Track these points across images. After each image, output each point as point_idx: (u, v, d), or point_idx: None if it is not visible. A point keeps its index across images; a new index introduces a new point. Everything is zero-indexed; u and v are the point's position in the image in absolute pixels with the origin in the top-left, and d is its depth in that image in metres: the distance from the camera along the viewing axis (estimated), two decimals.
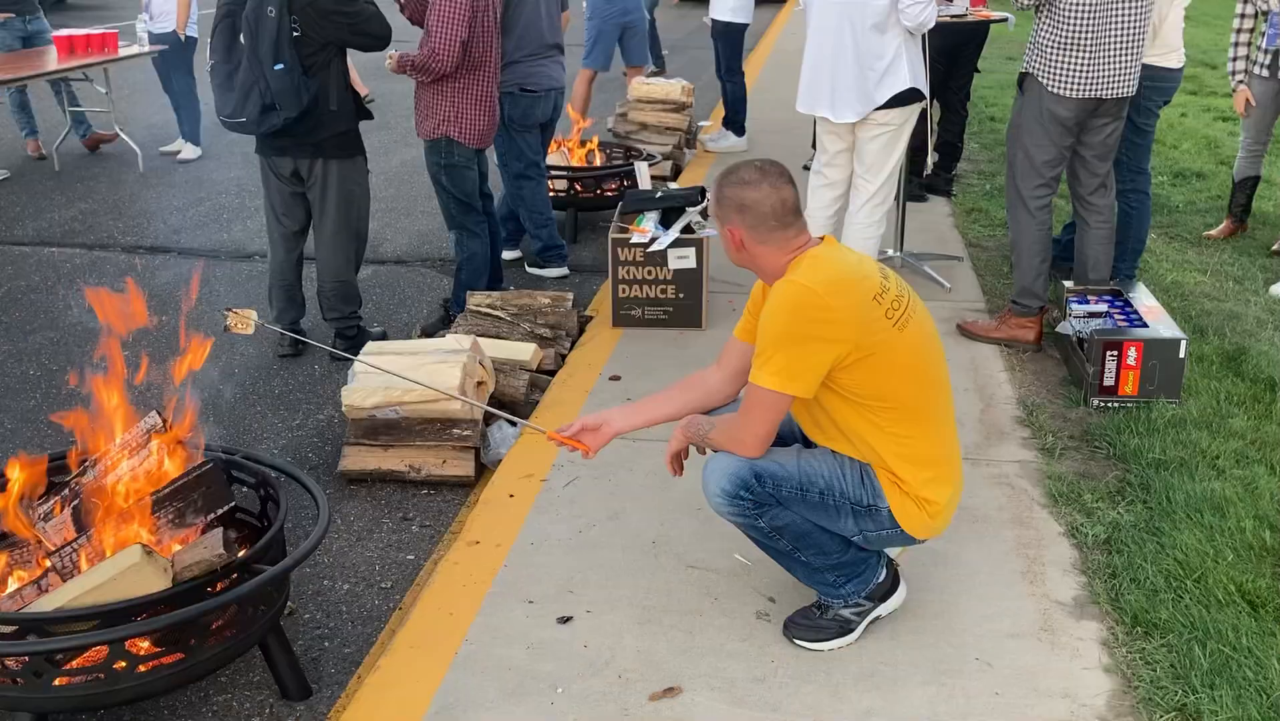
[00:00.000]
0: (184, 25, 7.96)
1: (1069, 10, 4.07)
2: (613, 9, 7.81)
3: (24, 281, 5.58)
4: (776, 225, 2.51)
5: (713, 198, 2.59)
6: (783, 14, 18.50)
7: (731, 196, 2.53)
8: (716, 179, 2.59)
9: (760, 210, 2.50)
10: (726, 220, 2.55)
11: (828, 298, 2.41)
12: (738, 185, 2.53)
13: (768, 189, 2.51)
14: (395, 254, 6.08)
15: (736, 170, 2.56)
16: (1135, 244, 4.91)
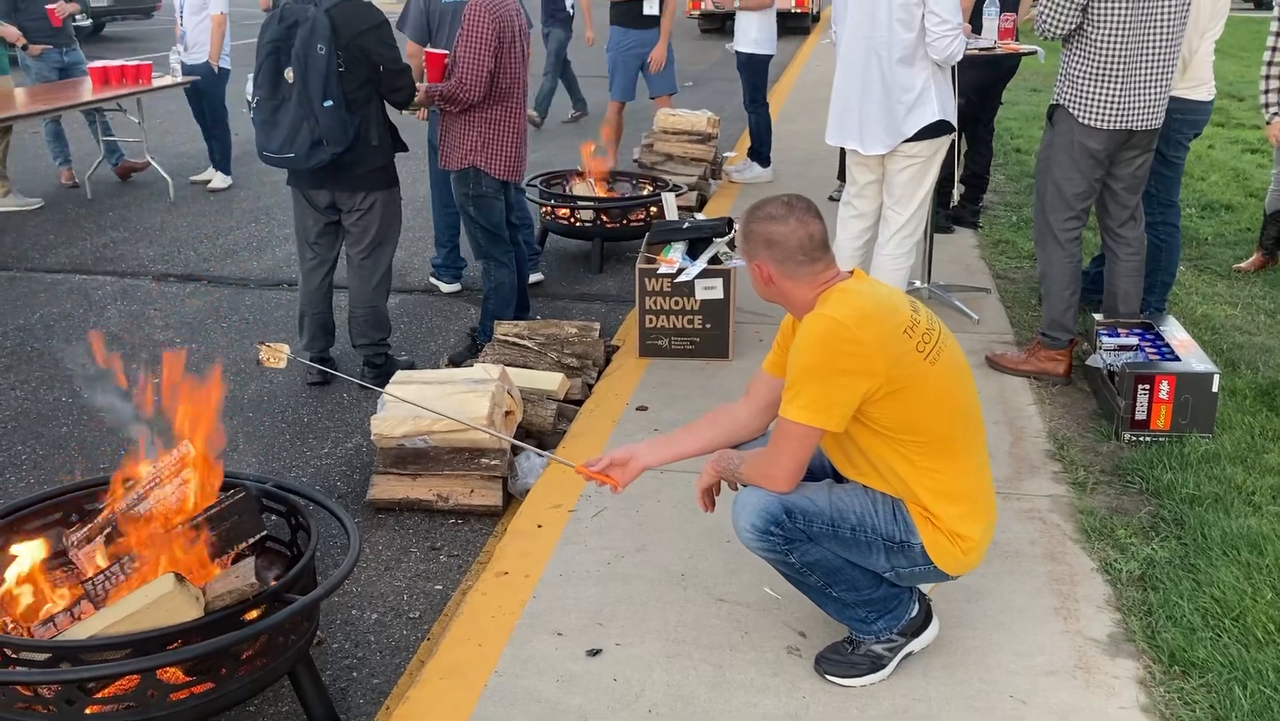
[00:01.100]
0: (217, 56, 8.07)
1: (1100, 42, 4.07)
2: (629, 40, 7.87)
3: (56, 308, 5.63)
4: (805, 260, 2.51)
5: (740, 234, 2.58)
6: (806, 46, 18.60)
7: (759, 232, 2.52)
8: (743, 215, 2.58)
9: (788, 245, 2.50)
10: (754, 256, 2.54)
11: (857, 330, 2.40)
12: (765, 220, 2.53)
13: (795, 224, 2.51)
14: (422, 283, 6.11)
15: (763, 206, 2.56)
16: (1165, 276, 4.89)
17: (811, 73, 14.37)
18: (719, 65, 15.98)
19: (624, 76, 7.99)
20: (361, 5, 4.29)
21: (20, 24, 7.66)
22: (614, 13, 7.87)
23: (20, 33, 7.66)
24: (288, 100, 4.23)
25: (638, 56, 7.93)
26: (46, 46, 7.91)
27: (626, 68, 7.96)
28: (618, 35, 7.89)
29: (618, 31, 7.89)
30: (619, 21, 7.86)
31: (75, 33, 8.32)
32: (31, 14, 7.71)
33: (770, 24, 7.92)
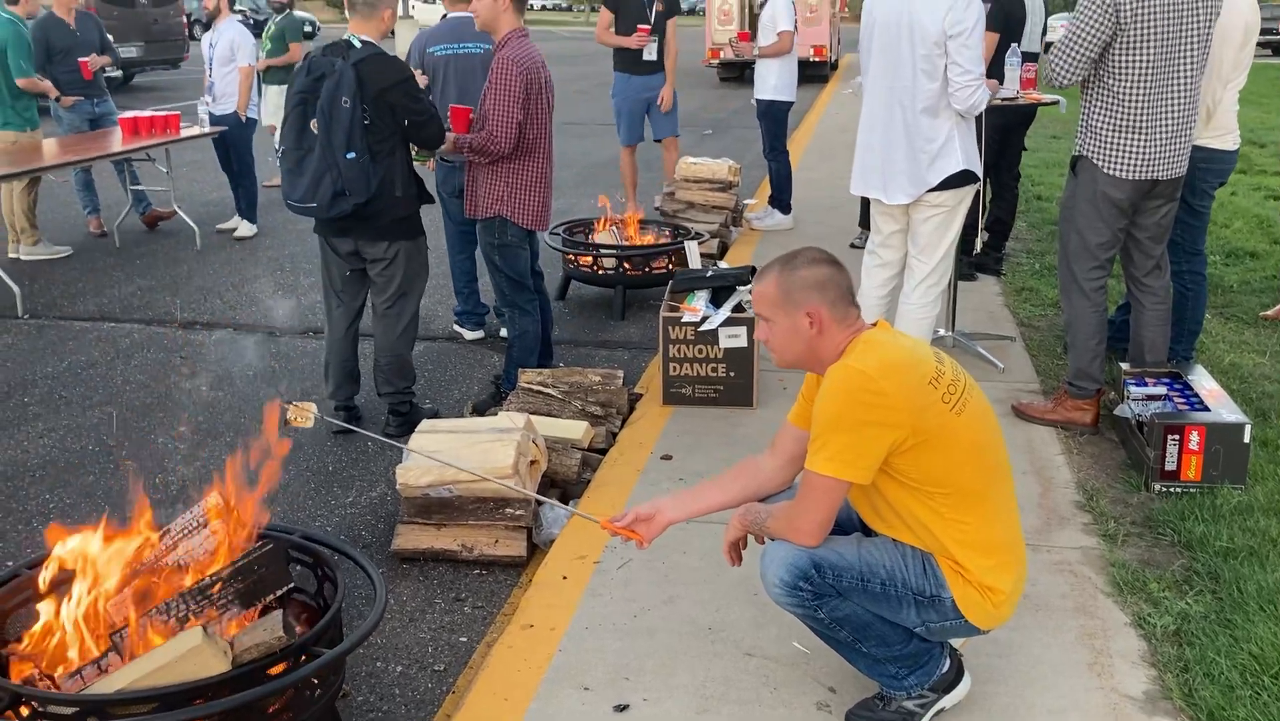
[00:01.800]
0: (245, 107, 8.21)
1: (1121, 93, 4.08)
2: (632, 86, 7.97)
3: (84, 356, 5.68)
4: (849, 303, 2.52)
5: (780, 289, 2.53)
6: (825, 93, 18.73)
7: (807, 277, 2.51)
8: (779, 271, 2.54)
9: (839, 285, 2.51)
10: (804, 303, 2.50)
11: (881, 381, 2.39)
12: (808, 265, 2.53)
13: (836, 267, 2.53)
14: (446, 330, 6.14)
15: (798, 255, 2.56)
16: (1192, 325, 4.86)
17: (831, 119, 14.47)
18: (739, 113, 16.11)
19: (630, 121, 8.09)
20: (388, 59, 4.35)
21: (54, 76, 7.80)
22: (617, 59, 7.97)
23: (53, 85, 7.80)
24: (312, 151, 4.28)
25: (642, 101, 8.02)
26: (79, 98, 8.05)
27: (632, 113, 8.07)
28: (621, 81, 8.00)
29: (621, 78, 8.00)
30: (622, 68, 7.97)
31: (106, 83, 8.46)
32: (65, 66, 7.86)
33: (790, 71, 7.99)
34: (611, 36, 7.86)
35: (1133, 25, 3.96)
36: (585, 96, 19.51)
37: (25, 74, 7.35)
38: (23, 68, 7.32)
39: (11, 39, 7.27)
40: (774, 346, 2.60)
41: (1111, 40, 4.01)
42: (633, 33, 7.72)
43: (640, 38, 7.71)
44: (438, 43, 5.48)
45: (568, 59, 29.89)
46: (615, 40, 7.83)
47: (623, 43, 7.79)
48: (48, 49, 7.74)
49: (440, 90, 5.44)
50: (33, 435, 4.71)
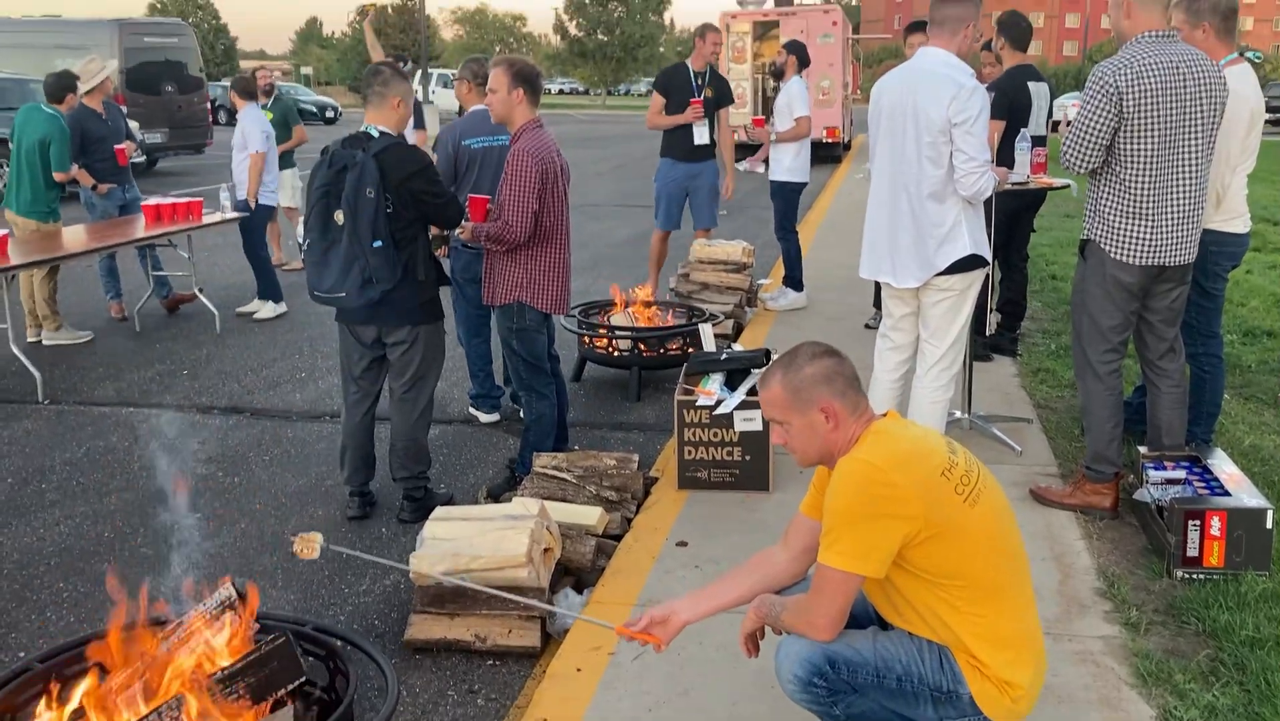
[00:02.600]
0: (254, 194, 8.35)
1: (1129, 180, 4.11)
2: (676, 173, 8.07)
3: (102, 442, 5.72)
4: (858, 392, 2.52)
5: (788, 390, 2.52)
6: (838, 174, 18.93)
7: (812, 373, 2.51)
8: (783, 373, 2.53)
9: (844, 375, 2.51)
10: (815, 400, 2.50)
11: (892, 474, 2.38)
12: (810, 360, 2.53)
13: (838, 358, 2.53)
14: (461, 413, 6.16)
15: (798, 354, 2.56)
16: (1210, 407, 4.83)
17: (845, 199, 14.60)
18: (753, 194, 16.26)
19: (669, 206, 8.16)
20: (408, 149, 4.44)
21: (88, 165, 8.02)
22: (663, 144, 8.08)
23: (88, 173, 8.00)
24: (338, 241, 4.35)
25: (683, 189, 8.12)
26: (112, 185, 8.24)
27: (672, 198, 8.14)
28: (666, 167, 8.10)
29: (666, 163, 8.09)
30: (669, 154, 8.07)
31: (132, 169, 8.66)
32: (99, 155, 8.07)
33: (804, 153, 8.10)
34: (664, 117, 7.99)
35: (1136, 114, 4.00)
36: (603, 178, 19.80)
37: (65, 168, 7.59)
38: (64, 162, 7.55)
39: (55, 135, 7.49)
40: (794, 448, 2.59)
41: (1117, 128, 4.06)
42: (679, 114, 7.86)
43: (694, 110, 7.83)
44: (473, 135, 5.57)
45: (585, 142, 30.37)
46: (668, 120, 7.95)
47: (677, 120, 7.89)
48: (83, 139, 7.96)
49: (475, 181, 5.52)
50: (49, 522, 4.73)
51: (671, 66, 8.22)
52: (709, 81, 7.95)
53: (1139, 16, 4.11)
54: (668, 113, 7.95)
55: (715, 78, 8.03)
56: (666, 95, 7.96)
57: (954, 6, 4.30)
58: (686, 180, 8.08)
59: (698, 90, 7.88)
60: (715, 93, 7.97)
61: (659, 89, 8.05)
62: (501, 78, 4.60)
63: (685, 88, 7.89)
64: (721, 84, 8.10)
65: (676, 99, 7.90)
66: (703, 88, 7.90)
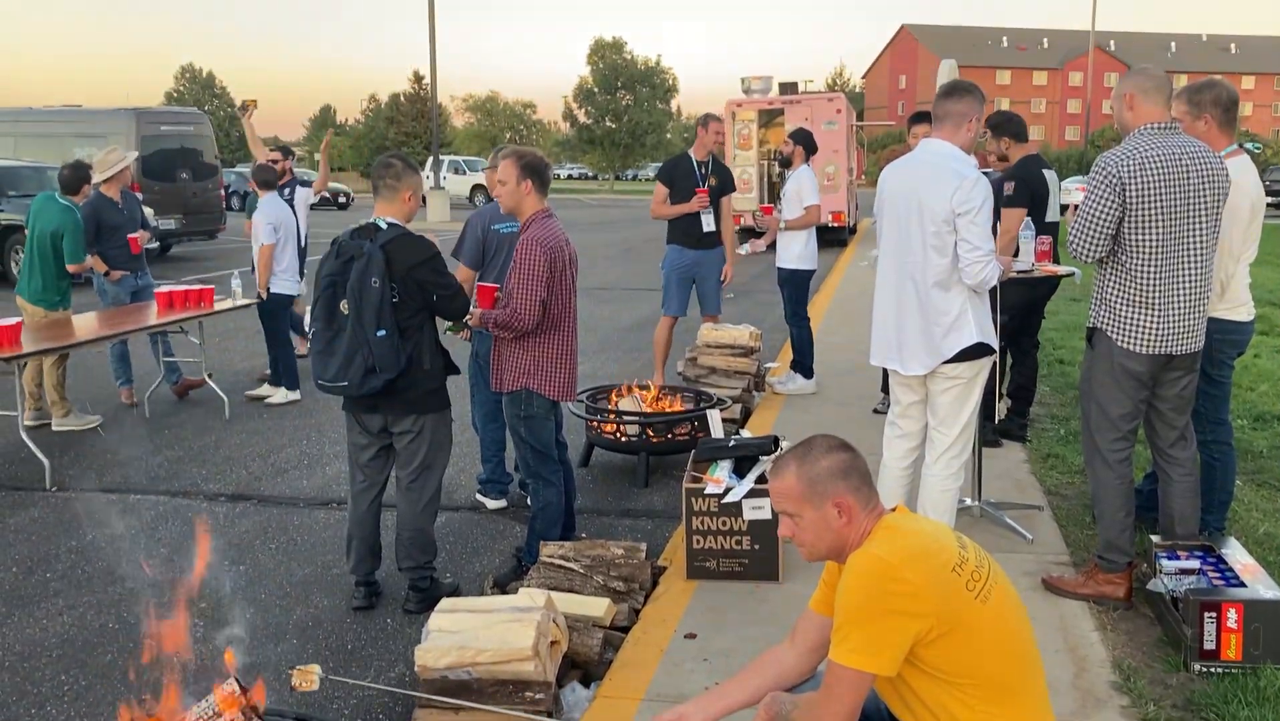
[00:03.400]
0: (264, 284, 8.43)
1: (1134, 269, 4.14)
2: (685, 260, 8.13)
3: (108, 529, 5.70)
4: (870, 488, 2.51)
5: (803, 482, 2.51)
6: (844, 258, 19.07)
7: (829, 466, 2.50)
8: (799, 465, 2.53)
9: (860, 470, 2.51)
10: (830, 494, 2.49)
11: (904, 570, 2.36)
12: (827, 453, 2.53)
13: (853, 453, 2.53)
14: (468, 500, 6.13)
15: (813, 445, 2.55)
16: (1223, 495, 4.79)
17: (851, 284, 14.69)
18: (759, 278, 16.40)
19: (678, 293, 8.21)
20: (415, 239, 4.50)
21: (103, 252, 8.15)
22: (670, 232, 8.16)
23: (102, 260, 8.12)
24: (343, 330, 4.39)
25: (691, 276, 8.18)
26: (125, 273, 8.34)
27: (680, 284, 8.20)
28: (674, 254, 8.16)
29: (674, 250, 8.16)
30: (677, 240, 8.14)
31: (145, 255, 8.76)
32: (114, 243, 8.20)
33: (812, 241, 8.17)
34: (668, 207, 8.08)
35: (1140, 205, 4.04)
36: (610, 262, 19.98)
37: (78, 260, 7.72)
38: (77, 254, 7.67)
39: (69, 227, 7.62)
40: (802, 541, 2.56)
41: (1122, 218, 4.10)
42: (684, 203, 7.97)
43: (700, 199, 7.94)
44: (502, 221, 5.66)
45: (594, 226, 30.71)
46: (673, 210, 8.04)
47: (682, 209, 7.99)
48: (98, 227, 8.11)
49: (502, 266, 5.59)
50: (52, 612, 4.69)
51: (674, 157, 8.35)
52: (712, 170, 8.07)
53: (1141, 109, 4.17)
54: (672, 202, 8.05)
55: (718, 166, 8.15)
56: (670, 185, 8.07)
57: (957, 102, 4.38)
58: (694, 267, 8.15)
59: (701, 179, 8.00)
60: (718, 181, 8.08)
61: (663, 179, 8.16)
62: (510, 169, 4.68)
63: (689, 177, 8.01)
64: (724, 172, 8.22)
65: (681, 188, 8.01)
66: (706, 176, 8.02)
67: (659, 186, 8.18)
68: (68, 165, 8.09)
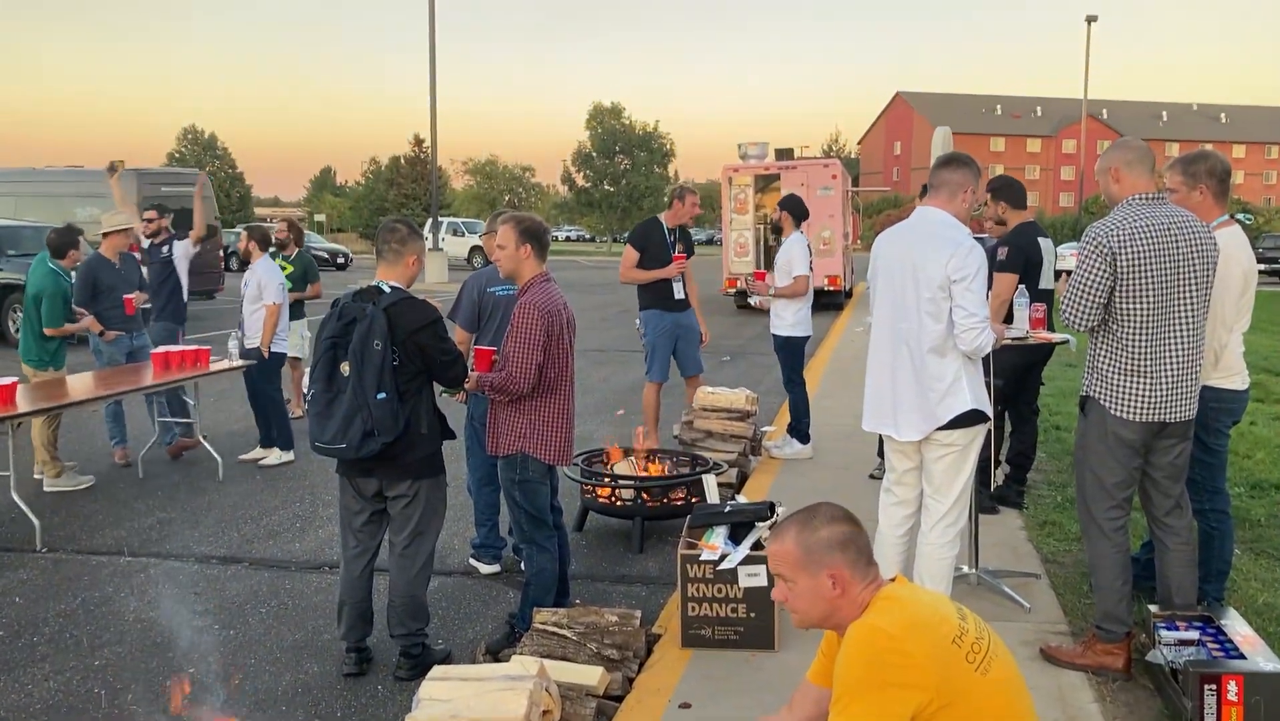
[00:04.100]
0: (268, 344, 8.45)
1: (1125, 339, 4.15)
2: (665, 323, 8.17)
3: (97, 592, 5.64)
4: (870, 561, 2.50)
5: (801, 549, 2.51)
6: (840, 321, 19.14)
7: (828, 536, 2.50)
8: (799, 531, 2.53)
9: (859, 544, 2.50)
10: (826, 564, 2.48)
11: (904, 642, 2.34)
12: (828, 523, 2.52)
13: (855, 526, 2.52)
14: (462, 564, 6.08)
15: (816, 513, 2.56)
16: (1220, 565, 4.76)
17: (847, 347, 14.73)
18: (755, 340, 16.45)
19: (662, 358, 8.23)
20: (416, 302, 4.51)
21: (98, 312, 8.18)
22: (646, 298, 8.19)
23: (96, 320, 8.14)
24: (342, 392, 4.38)
25: (673, 339, 8.21)
26: (120, 333, 8.36)
27: (664, 349, 8.23)
28: (655, 318, 8.19)
29: (654, 315, 8.19)
30: (655, 305, 8.17)
31: (143, 315, 8.78)
32: (108, 303, 8.25)
33: (806, 307, 8.20)
34: (641, 272, 8.12)
35: (1130, 274, 4.07)
36: (608, 323, 20.04)
37: (54, 324, 7.77)
38: (53, 318, 7.73)
39: (49, 289, 7.68)
40: (795, 607, 2.55)
41: (1113, 287, 4.12)
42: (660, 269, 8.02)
43: (679, 265, 8.00)
44: (498, 284, 5.70)
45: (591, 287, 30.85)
46: (647, 275, 8.09)
47: (659, 275, 8.04)
48: (94, 287, 8.14)
49: (497, 326, 5.62)
50: (38, 677, 4.62)
51: (646, 222, 8.40)
52: (679, 237, 8.18)
53: (1127, 180, 4.23)
54: (643, 266, 8.11)
55: (684, 234, 8.30)
56: (643, 250, 8.13)
57: (953, 172, 4.43)
58: (676, 329, 8.21)
59: (672, 246, 8.08)
60: (685, 247, 8.21)
61: (634, 244, 8.20)
62: (510, 234, 4.72)
63: (661, 243, 8.10)
64: (689, 240, 8.35)
65: (653, 254, 8.09)
66: (675, 244, 8.11)
67: (629, 250, 8.21)
68: (56, 230, 8.18)
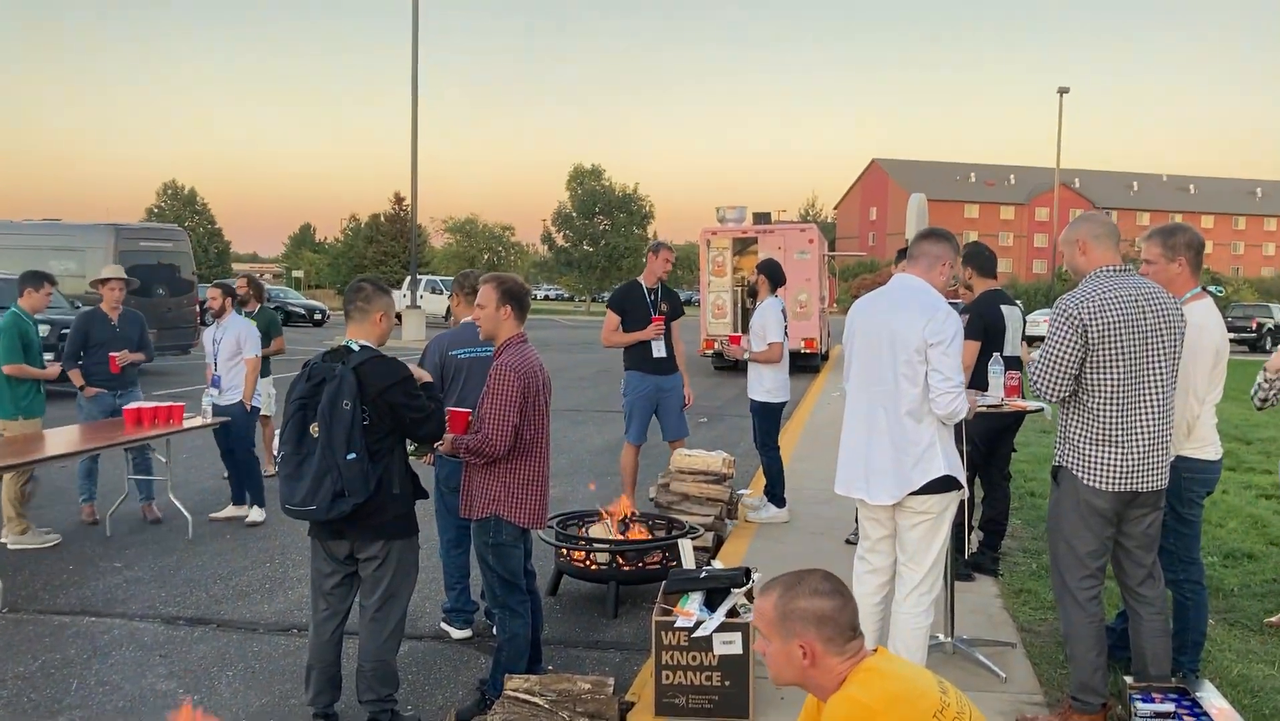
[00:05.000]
0: (250, 397, 8.41)
1: (1096, 409, 4.19)
2: (646, 385, 8.15)
3: (59, 654, 5.52)
4: (851, 635, 2.48)
5: (778, 612, 2.50)
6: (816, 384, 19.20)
7: (807, 609, 2.48)
8: (781, 594, 2.51)
9: (838, 621, 2.47)
10: (798, 634, 2.47)
11: (885, 716, 2.32)
12: (810, 596, 2.50)
13: (841, 601, 2.49)
14: (433, 628, 6.00)
15: (803, 581, 2.54)
16: (1195, 636, 4.75)
17: (823, 412, 14.76)
18: (733, 401, 16.48)
19: (642, 419, 8.21)
20: (386, 360, 4.49)
21: (85, 366, 8.20)
22: (627, 359, 8.20)
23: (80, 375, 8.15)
24: (312, 453, 4.34)
25: (653, 401, 8.19)
26: (102, 390, 8.31)
27: (644, 411, 8.21)
28: (635, 380, 8.17)
29: (635, 376, 8.17)
30: (634, 366, 8.17)
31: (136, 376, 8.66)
32: (96, 359, 8.26)
33: (783, 372, 8.22)
34: (622, 335, 8.13)
35: (1101, 345, 4.12)
36: (585, 382, 20.04)
37: (12, 360, 7.62)
38: (12, 355, 7.61)
39: (4, 325, 7.62)
40: (770, 664, 2.56)
41: (1084, 358, 4.16)
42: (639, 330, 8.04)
43: (656, 327, 8.00)
44: (460, 346, 5.70)
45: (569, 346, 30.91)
46: (627, 337, 8.10)
47: (637, 337, 8.04)
48: (85, 340, 8.16)
49: (461, 391, 5.60)
50: None
51: (624, 285, 8.41)
52: (662, 296, 8.18)
53: (1094, 253, 4.30)
54: (625, 329, 8.13)
55: (667, 292, 8.27)
56: (622, 313, 8.14)
57: (934, 245, 4.50)
58: (656, 392, 8.18)
59: (653, 306, 8.09)
60: (669, 307, 8.20)
61: (614, 308, 8.22)
62: (490, 294, 4.73)
63: (641, 305, 8.11)
64: (673, 298, 8.33)
65: (633, 316, 8.10)
66: (657, 303, 8.12)
67: (610, 315, 8.24)
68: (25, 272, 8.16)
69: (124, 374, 8.41)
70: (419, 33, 31.45)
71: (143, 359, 8.53)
